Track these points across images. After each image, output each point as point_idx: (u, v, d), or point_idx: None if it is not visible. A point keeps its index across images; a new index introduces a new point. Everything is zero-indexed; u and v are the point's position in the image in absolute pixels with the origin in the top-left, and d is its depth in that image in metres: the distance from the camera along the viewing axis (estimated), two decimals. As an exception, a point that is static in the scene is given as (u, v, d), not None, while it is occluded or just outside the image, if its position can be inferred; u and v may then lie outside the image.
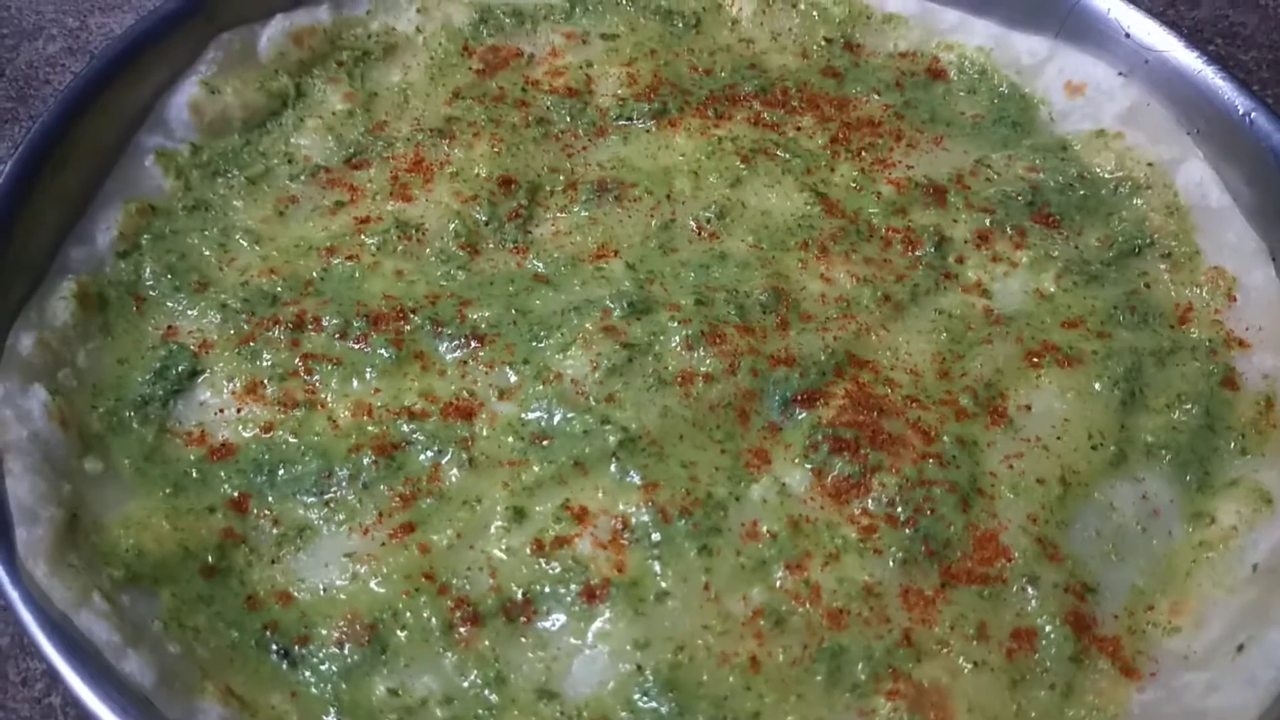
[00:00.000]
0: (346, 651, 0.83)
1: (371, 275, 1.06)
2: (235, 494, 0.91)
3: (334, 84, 1.23)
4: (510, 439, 0.94)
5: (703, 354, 0.98)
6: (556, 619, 0.85)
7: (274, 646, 0.83)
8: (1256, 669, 0.81)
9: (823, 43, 1.31)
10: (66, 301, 0.98)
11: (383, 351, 0.99)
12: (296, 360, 0.98)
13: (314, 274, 1.06)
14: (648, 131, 1.20)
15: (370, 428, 0.95)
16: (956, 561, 0.89)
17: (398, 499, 0.91)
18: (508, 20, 1.30)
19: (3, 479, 0.84)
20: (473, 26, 1.29)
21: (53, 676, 0.75)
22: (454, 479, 0.92)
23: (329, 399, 0.97)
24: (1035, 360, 1.02)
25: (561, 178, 1.15)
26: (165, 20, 1.18)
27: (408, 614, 0.84)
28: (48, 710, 0.93)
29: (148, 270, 1.04)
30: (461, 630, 0.84)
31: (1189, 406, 0.99)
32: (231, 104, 1.17)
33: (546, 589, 0.86)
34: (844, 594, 0.86)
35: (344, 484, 0.91)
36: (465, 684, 0.82)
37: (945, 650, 0.84)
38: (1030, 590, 0.87)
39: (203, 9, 1.19)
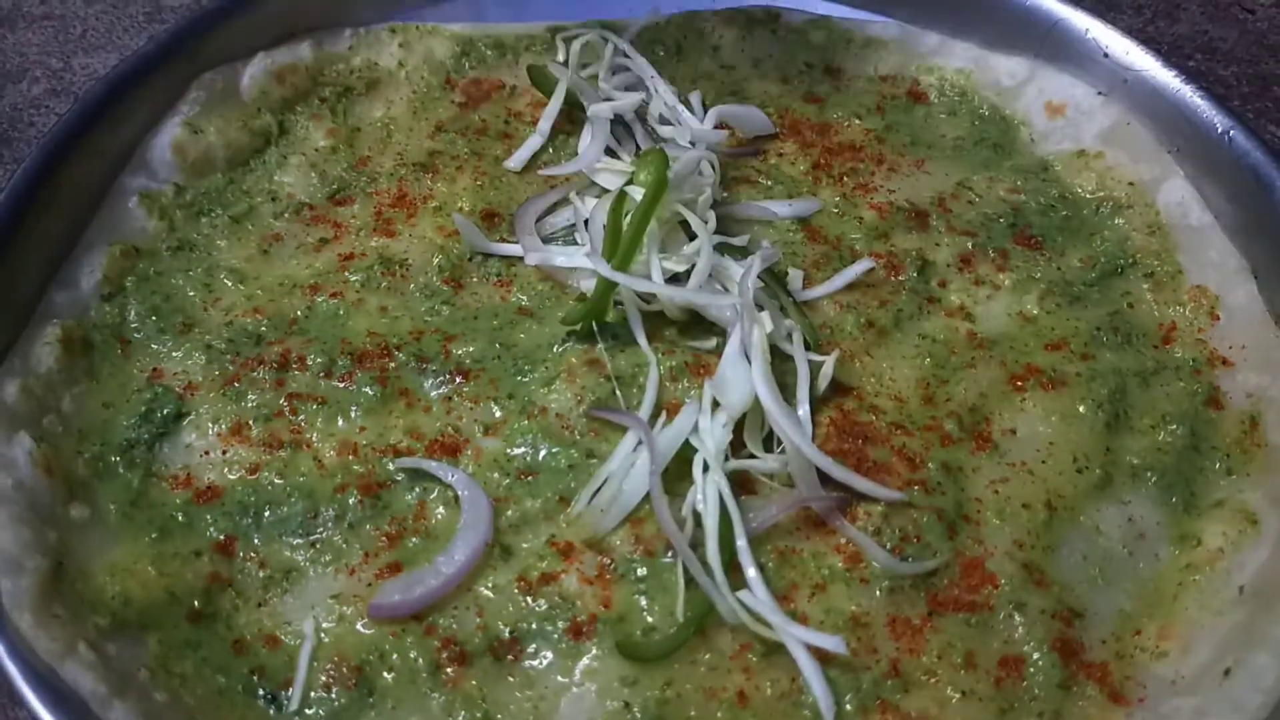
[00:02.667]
0: (334, 695, 0.83)
1: (356, 312, 1.06)
2: (221, 537, 0.91)
3: (317, 120, 1.23)
4: (496, 475, 0.94)
5: (686, 385, 0.98)
6: (544, 657, 0.85)
7: (261, 691, 0.83)
8: (1243, 693, 0.81)
9: (803, 68, 1.32)
10: (51, 347, 0.98)
11: (368, 389, 0.99)
12: (282, 400, 0.99)
13: (298, 312, 1.06)
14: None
15: (356, 467, 0.95)
16: (943, 589, 0.89)
17: (384, 538, 0.91)
18: (489, 53, 1.30)
19: (-13, 529, 0.84)
20: (455, 59, 1.30)
21: (40, 727, 0.75)
22: (440, 517, 0.92)
23: (314, 439, 0.97)
24: (1019, 384, 1.02)
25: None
26: (147, 61, 1.18)
27: (395, 655, 0.84)
28: (38, 758, 0.93)
29: (132, 313, 1.05)
30: (449, 670, 0.84)
31: (1174, 427, 0.99)
32: (215, 143, 1.18)
33: (533, 626, 0.86)
34: (831, 624, 0.86)
35: (330, 524, 0.92)
36: (453, 725, 0.82)
37: (933, 680, 0.84)
38: (1017, 617, 0.87)
39: (185, 49, 1.20)
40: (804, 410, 0.96)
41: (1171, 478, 0.96)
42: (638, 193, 1.05)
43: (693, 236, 1.05)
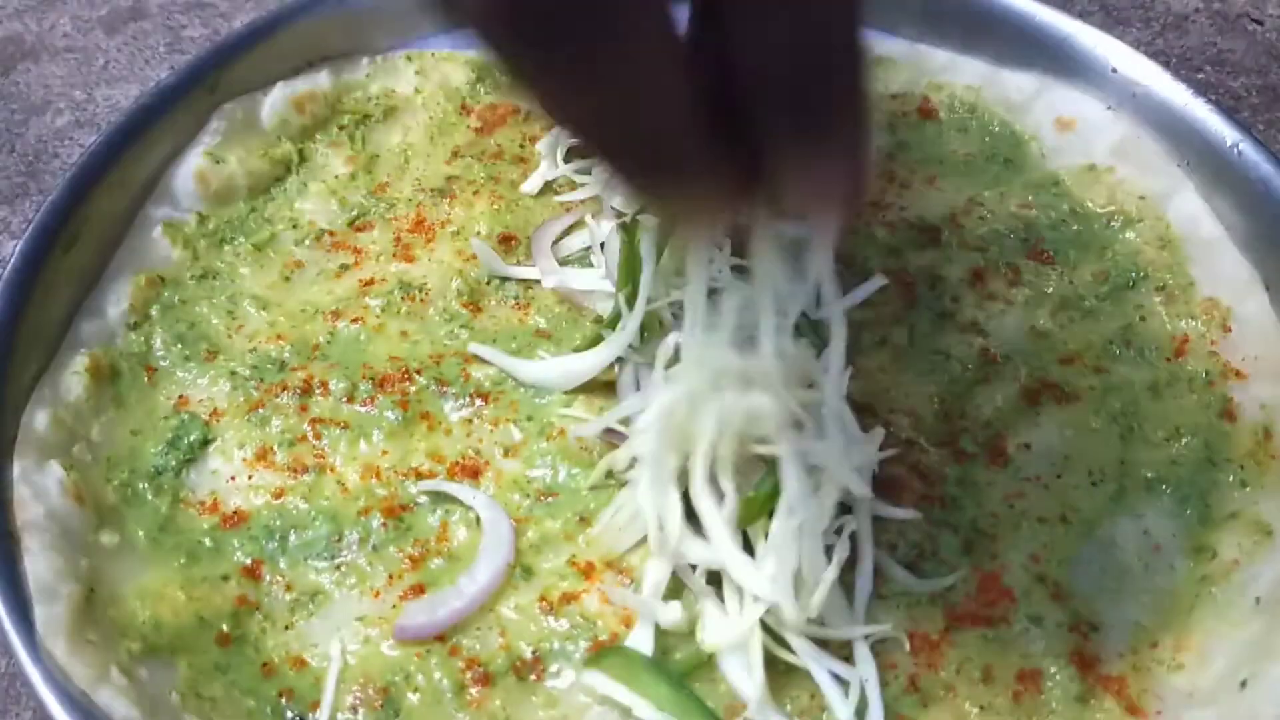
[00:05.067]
0: (360, 716, 0.84)
1: (377, 337, 1.08)
2: (248, 561, 0.93)
3: (336, 148, 1.25)
4: (516, 496, 0.96)
5: (704, 404, 1.00)
6: (566, 676, 0.86)
7: (289, 713, 0.85)
8: (1259, 705, 0.81)
9: (814, 87, 1.33)
10: (79, 376, 1.00)
11: (389, 413, 1.01)
12: (305, 425, 1.00)
13: (320, 338, 1.08)
14: (644, 182, 1.21)
15: (379, 490, 0.96)
16: (960, 604, 0.90)
17: (407, 560, 0.93)
18: (505, 78, 1.32)
19: (21, 557, 0.86)
20: (470, 85, 1.32)
21: (75, 751, 0.76)
22: (461, 538, 0.94)
23: (338, 462, 0.98)
24: (1033, 398, 1.03)
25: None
26: (169, 93, 1.20)
27: (420, 676, 0.86)
28: (72, 780, 0.95)
29: (158, 341, 1.07)
30: (473, 691, 0.85)
31: (1187, 439, 1.00)
32: (236, 172, 1.20)
33: (555, 646, 0.87)
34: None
35: (354, 547, 0.93)
36: (478, 745, 0.84)
37: (952, 694, 0.85)
38: (1035, 631, 0.88)
39: (206, 80, 1.22)
40: None
41: (1186, 490, 0.97)
42: (651, 216, 1.06)
43: (707, 258, 1.06)
